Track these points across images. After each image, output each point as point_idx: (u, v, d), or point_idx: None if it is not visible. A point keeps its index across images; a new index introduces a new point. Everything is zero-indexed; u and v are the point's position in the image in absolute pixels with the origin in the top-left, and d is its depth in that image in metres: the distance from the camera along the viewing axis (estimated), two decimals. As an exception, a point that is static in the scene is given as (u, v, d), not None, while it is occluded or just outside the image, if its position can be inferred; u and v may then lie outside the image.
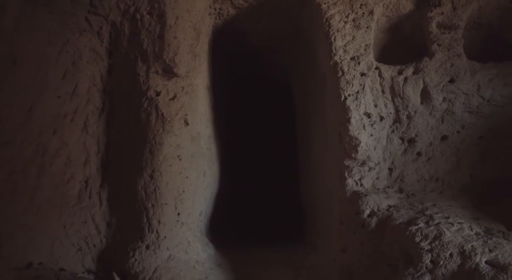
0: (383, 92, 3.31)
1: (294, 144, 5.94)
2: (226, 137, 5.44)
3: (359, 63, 3.33)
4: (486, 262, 2.30)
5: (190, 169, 3.65)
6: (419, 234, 2.57)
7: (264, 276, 3.54)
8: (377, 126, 3.29)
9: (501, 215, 2.87)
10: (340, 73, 3.32)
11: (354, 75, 3.30)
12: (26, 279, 2.98)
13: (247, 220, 6.34)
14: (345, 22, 3.42)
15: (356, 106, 3.25)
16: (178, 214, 3.50)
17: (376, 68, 3.34)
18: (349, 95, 3.27)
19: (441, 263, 2.38)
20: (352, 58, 3.34)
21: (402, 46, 3.63)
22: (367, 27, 3.41)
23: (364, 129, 3.23)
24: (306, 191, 5.06)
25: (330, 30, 3.41)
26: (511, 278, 2.17)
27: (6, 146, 3.19)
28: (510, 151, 3.31)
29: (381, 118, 3.31)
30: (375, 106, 3.30)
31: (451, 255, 2.39)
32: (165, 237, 3.39)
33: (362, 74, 3.31)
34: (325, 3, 3.49)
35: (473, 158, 3.31)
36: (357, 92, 3.28)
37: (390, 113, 3.32)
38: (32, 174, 3.35)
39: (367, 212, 3.01)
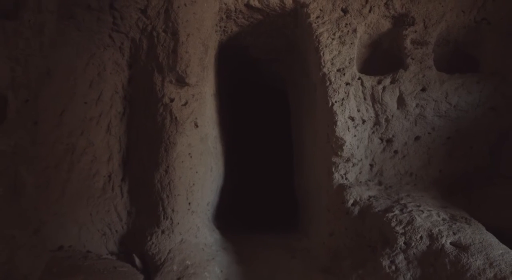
0: (364, 99, 3.33)
1: (289, 143, 5.98)
2: (229, 137, 5.46)
3: (344, 74, 3.35)
4: (450, 243, 2.38)
5: (199, 165, 3.66)
6: (394, 220, 2.62)
7: (263, 258, 3.55)
8: (359, 128, 3.32)
9: (465, 204, 2.94)
10: (328, 83, 3.34)
11: (340, 84, 3.32)
12: (59, 260, 3.04)
13: (248, 210, 6.37)
14: (332, 39, 3.44)
15: (342, 111, 3.28)
16: (189, 203, 3.52)
17: (359, 78, 3.35)
18: (335, 102, 3.29)
19: (413, 244, 2.44)
20: (338, 70, 3.36)
21: (381, 59, 3.65)
22: (351, 43, 3.43)
23: (348, 130, 3.27)
24: (299, 184, 5.04)
25: (319, 45, 3.43)
26: (471, 256, 2.24)
27: (41, 145, 3.21)
28: (474, 150, 3.37)
29: (363, 121, 3.33)
30: (358, 111, 3.32)
31: (421, 237, 2.46)
32: (178, 223, 3.42)
33: (347, 84, 3.33)
34: (315, 23, 3.51)
35: (442, 156, 3.36)
36: (343, 99, 3.30)
37: (371, 117, 3.35)
38: (63, 169, 3.42)
39: (351, 201, 3.05)
